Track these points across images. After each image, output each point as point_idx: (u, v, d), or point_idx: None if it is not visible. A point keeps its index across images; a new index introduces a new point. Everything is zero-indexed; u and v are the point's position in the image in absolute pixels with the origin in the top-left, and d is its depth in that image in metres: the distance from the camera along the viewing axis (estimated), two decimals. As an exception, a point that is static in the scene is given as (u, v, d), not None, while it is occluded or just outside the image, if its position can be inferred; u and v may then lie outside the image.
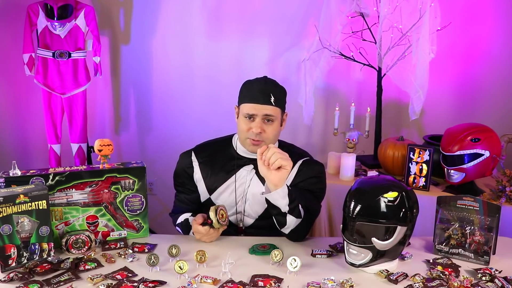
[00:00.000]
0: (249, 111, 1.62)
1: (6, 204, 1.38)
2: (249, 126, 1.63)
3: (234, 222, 1.75)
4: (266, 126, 1.62)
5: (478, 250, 1.52)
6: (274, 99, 1.62)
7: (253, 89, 1.64)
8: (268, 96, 1.61)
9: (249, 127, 1.63)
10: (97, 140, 1.62)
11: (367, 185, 1.46)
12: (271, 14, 3.02)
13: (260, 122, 1.61)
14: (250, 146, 1.66)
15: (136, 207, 1.65)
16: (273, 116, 1.62)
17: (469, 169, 2.19)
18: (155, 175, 3.28)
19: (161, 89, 3.32)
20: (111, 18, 3.24)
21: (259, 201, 1.67)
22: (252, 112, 1.61)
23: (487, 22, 2.78)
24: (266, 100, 1.61)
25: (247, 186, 1.72)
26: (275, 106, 1.62)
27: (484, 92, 2.84)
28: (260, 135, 1.62)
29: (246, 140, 1.66)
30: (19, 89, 3.18)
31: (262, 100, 1.61)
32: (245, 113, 1.63)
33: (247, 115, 1.63)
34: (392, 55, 2.60)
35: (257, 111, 1.61)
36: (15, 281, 1.35)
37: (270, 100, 1.61)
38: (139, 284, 1.33)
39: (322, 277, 1.38)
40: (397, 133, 2.86)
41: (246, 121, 1.63)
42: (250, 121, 1.63)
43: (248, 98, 1.63)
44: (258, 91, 1.62)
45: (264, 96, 1.61)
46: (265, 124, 1.62)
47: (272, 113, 1.62)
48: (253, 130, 1.62)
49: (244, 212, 1.73)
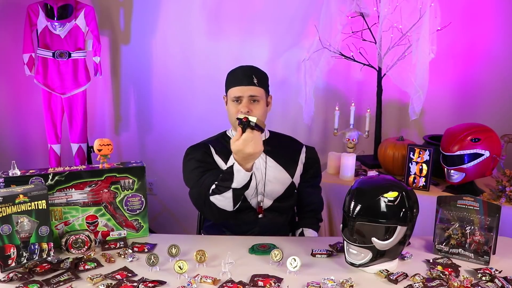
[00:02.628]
0: (236, 94, 1.73)
1: (5, 204, 1.38)
2: (237, 108, 1.73)
3: (254, 205, 1.80)
4: (253, 105, 1.72)
5: (478, 250, 1.52)
6: (256, 80, 1.74)
7: (236, 73, 1.78)
8: (250, 78, 1.74)
9: (237, 109, 1.73)
10: (97, 140, 1.62)
11: (367, 185, 1.46)
12: (271, 14, 3.02)
13: (247, 102, 1.72)
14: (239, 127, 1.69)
15: (136, 207, 1.65)
16: (257, 96, 1.73)
17: (469, 169, 2.19)
18: (155, 175, 3.29)
19: (161, 89, 3.32)
20: (111, 18, 3.24)
21: (278, 182, 1.80)
22: (238, 94, 1.72)
23: (487, 22, 2.77)
24: (249, 82, 1.73)
25: (264, 169, 1.79)
26: (258, 86, 1.74)
27: (484, 92, 2.84)
28: (248, 114, 1.68)
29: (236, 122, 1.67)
30: (19, 89, 3.18)
31: (246, 82, 1.73)
32: (232, 97, 1.74)
33: (234, 98, 1.73)
34: (392, 55, 2.60)
35: (243, 92, 1.72)
36: (14, 281, 1.35)
37: (253, 81, 1.74)
38: (139, 284, 1.33)
39: (322, 277, 1.38)
40: (397, 133, 2.86)
41: (234, 104, 1.74)
42: (237, 104, 1.73)
43: (233, 82, 1.76)
44: (241, 75, 1.75)
45: (247, 78, 1.73)
46: (251, 104, 1.72)
47: (256, 93, 1.72)
48: (241, 109, 1.71)
49: (264, 194, 1.79)
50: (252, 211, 1.80)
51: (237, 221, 1.78)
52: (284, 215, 1.88)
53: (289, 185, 1.83)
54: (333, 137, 2.86)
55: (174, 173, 3.39)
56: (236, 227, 1.81)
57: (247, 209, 1.78)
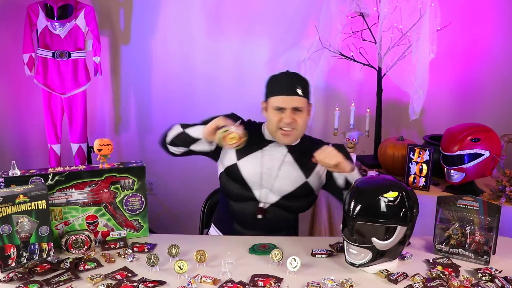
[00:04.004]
0: (279, 104, 1.70)
1: (5, 204, 1.38)
2: (280, 116, 1.71)
3: (258, 197, 1.77)
4: (296, 115, 1.71)
5: (478, 250, 1.52)
6: (300, 89, 1.71)
7: (280, 82, 1.74)
8: (294, 87, 1.70)
9: (280, 118, 1.71)
10: (97, 140, 1.62)
11: (367, 185, 1.47)
12: (271, 14, 3.02)
13: (290, 113, 1.70)
14: (280, 137, 1.75)
15: (136, 207, 1.65)
16: (301, 107, 1.71)
17: (469, 169, 2.19)
18: (155, 175, 3.28)
19: (161, 89, 3.32)
20: (111, 18, 3.24)
21: (289, 180, 1.76)
22: (282, 105, 1.70)
23: (487, 22, 2.77)
24: (293, 92, 1.70)
25: (279, 163, 1.76)
26: (302, 96, 1.71)
27: (484, 92, 2.84)
28: (291, 124, 1.71)
29: (277, 132, 1.74)
30: (19, 89, 3.18)
31: (290, 92, 1.70)
32: (275, 106, 1.71)
33: (277, 107, 1.71)
34: (392, 55, 2.60)
35: (286, 103, 1.70)
36: (14, 281, 1.35)
37: (297, 91, 1.70)
38: (139, 284, 1.33)
39: (322, 277, 1.38)
40: (397, 133, 2.86)
41: (277, 113, 1.71)
42: (280, 113, 1.71)
43: (276, 91, 1.72)
44: (286, 83, 1.72)
45: (291, 88, 1.70)
46: (294, 114, 1.71)
47: (299, 104, 1.71)
48: (285, 120, 1.70)
49: (271, 188, 1.76)
50: (255, 203, 1.77)
51: (242, 211, 1.78)
52: (292, 215, 1.86)
53: (302, 185, 1.77)
54: (333, 137, 2.86)
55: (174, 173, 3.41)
56: (242, 218, 1.80)
57: (250, 199, 1.76)
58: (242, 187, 1.76)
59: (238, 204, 1.79)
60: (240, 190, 1.77)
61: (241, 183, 1.76)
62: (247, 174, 1.75)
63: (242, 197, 1.77)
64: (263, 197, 1.77)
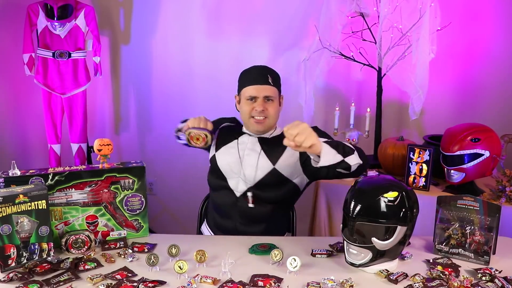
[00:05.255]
0: (251, 93, 1.77)
1: (5, 204, 1.38)
2: (252, 106, 1.78)
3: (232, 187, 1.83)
4: (267, 104, 1.78)
5: (478, 250, 1.52)
6: (271, 79, 1.78)
7: (252, 73, 1.82)
8: (266, 77, 1.78)
9: (252, 107, 1.78)
10: (97, 139, 1.62)
11: (367, 185, 1.46)
12: (271, 14, 3.02)
13: (262, 101, 1.77)
14: (253, 125, 1.80)
15: (136, 207, 1.65)
16: (272, 96, 1.78)
17: (469, 169, 2.19)
18: (155, 175, 3.29)
19: (161, 89, 3.32)
20: (111, 18, 3.24)
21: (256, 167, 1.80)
22: (254, 94, 1.77)
23: (487, 22, 2.77)
24: (265, 81, 1.77)
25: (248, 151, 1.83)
26: (273, 86, 1.78)
27: (484, 92, 2.84)
28: (263, 113, 1.77)
29: (249, 120, 1.81)
30: (19, 89, 3.18)
31: (262, 81, 1.77)
32: (247, 96, 1.78)
33: (249, 97, 1.78)
34: (392, 55, 2.60)
35: (258, 92, 1.76)
36: (14, 281, 1.35)
37: (268, 80, 1.78)
38: (139, 284, 1.33)
39: (322, 277, 1.38)
40: (397, 133, 2.86)
41: (249, 103, 1.79)
42: (252, 103, 1.78)
43: (248, 81, 1.80)
44: (256, 74, 1.80)
45: (263, 77, 1.78)
46: (266, 103, 1.78)
47: (271, 93, 1.78)
48: (256, 108, 1.76)
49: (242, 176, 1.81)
50: (230, 193, 1.83)
51: (219, 201, 1.86)
52: (269, 206, 1.81)
53: (271, 172, 1.78)
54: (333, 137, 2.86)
55: (174, 173, 3.42)
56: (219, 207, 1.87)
57: (224, 188, 1.83)
58: (218, 177, 1.85)
59: (216, 193, 1.89)
60: (217, 180, 1.86)
61: (217, 173, 1.85)
62: (221, 164, 1.85)
63: (219, 186, 1.86)
64: (235, 186, 1.82)
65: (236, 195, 1.82)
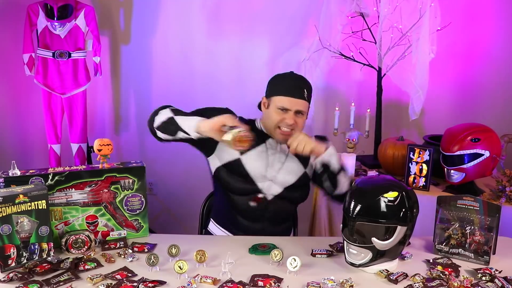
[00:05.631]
0: (284, 105, 1.71)
1: (5, 204, 1.38)
2: (283, 117, 1.72)
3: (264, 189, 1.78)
4: (297, 118, 1.74)
5: (478, 250, 1.52)
6: (306, 93, 1.74)
7: (287, 83, 1.75)
8: (302, 91, 1.73)
9: (282, 118, 1.72)
10: (97, 140, 1.62)
11: (367, 185, 1.47)
12: (271, 14, 3.02)
13: (293, 115, 1.72)
14: (279, 135, 1.76)
15: (136, 207, 1.65)
16: (304, 111, 1.75)
17: (469, 169, 2.19)
18: (155, 175, 3.28)
19: (161, 89, 3.32)
20: (111, 18, 3.24)
21: (293, 172, 1.80)
22: (287, 107, 1.71)
23: (487, 22, 2.77)
24: (300, 95, 1.72)
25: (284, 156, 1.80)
26: (306, 100, 1.74)
27: (484, 92, 2.84)
28: (292, 126, 1.73)
29: (276, 130, 1.76)
30: (19, 89, 3.18)
31: (297, 95, 1.72)
32: (279, 106, 1.72)
33: (281, 107, 1.72)
34: (392, 55, 2.60)
35: (292, 105, 1.71)
36: (14, 281, 1.35)
37: (304, 95, 1.73)
38: (139, 284, 1.33)
39: (322, 277, 1.38)
40: (397, 133, 2.86)
41: (280, 112, 1.73)
42: (283, 113, 1.72)
43: (283, 91, 1.73)
44: (293, 86, 1.73)
45: (299, 91, 1.72)
46: (296, 116, 1.73)
47: (303, 108, 1.74)
48: (287, 121, 1.71)
49: (274, 179, 1.78)
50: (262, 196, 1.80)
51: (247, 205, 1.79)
52: (294, 205, 1.90)
53: (302, 175, 1.82)
54: (333, 137, 2.86)
55: (174, 173, 3.41)
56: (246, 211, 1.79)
57: (254, 192, 1.78)
58: (245, 181, 1.77)
59: (242, 197, 1.80)
60: (244, 184, 1.77)
61: (245, 177, 1.77)
62: (251, 168, 1.76)
63: (246, 190, 1.78)
64: (266, 189, 1.79)
65: (268, 198, 1.79)
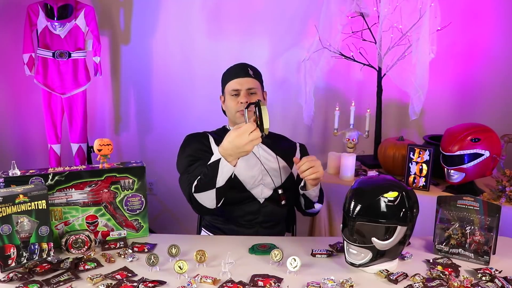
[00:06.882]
0: (234, 87, 1.81)
1: (5, 204, 1.38)
2: (237, 100, 1.80)
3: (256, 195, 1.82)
4: (251, 98, 1.79)
5: (478, 250, 1.52)
6: (252, 72, 1.84)
7: (232, 69, 1.87)
8: (246, 70, 1.83)
9: (236, 102, 1.80)
10: (97, 139, 1.62)
11: (367, 185, 1.46)
12: (271, 14, 3.02)
13: (246, 93, 1.80)
14: (240, 118, 1.79)
15: (136, 207, 1.65)
16: (255, 88, 1.81)
17: (469, 169, 2.19)
18: (155, 175, 3.29)
19: (161, 89, 3.32)
20: (111, 18, 3.24)
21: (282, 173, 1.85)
22: (237, 87, 1.80)
23: (487, 22, 2.77)
24: (245, 73, 1.82)
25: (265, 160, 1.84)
26: (254, 78, 1.82)
27: (484, 92, 2.84)
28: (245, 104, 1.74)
29: (236, 115, 1.81)
30: (19, 89, 3.18)
31: (242, 74, 1.82)
32: (230, 91, 1.82)
33: (232, 91, 1.81)
34: (392, 55, 2.60)
35: (241, 85, 1.80)
36: (14, 281, 1.35)
37: (249, 72, 1.83)
38: (139, 284, 1.33)
39: (322, 277, 1.38)
40: (397, 133, 2.86)
41: (233, 98, 1.81)
42: (236, 97, 1.81)
43: (230, 77, 1.84)
44: (237, 68, 1.85)
45: (243, 70, 1.83)
46: (249, 96, 1.80)
47: (253, 85, 1.81)
48: (241, 100, 1.78)
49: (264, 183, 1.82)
50: (255, 201, 1.81)
51: (241, 212, 1.81)
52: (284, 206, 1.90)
53: (290, 175, 1.87)
54: (333, 137, 2.86)
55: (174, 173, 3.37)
56: (240, 218, 1.81)
57: (248, 199, 1.80)
58: (239, 191, 1.78)
59: (238, 207, 1.80)
60: (239, 194, 1.78)
61: (238, 187, 1.77)
62: (244, 177, 1.78)
63: (241, 199, 1.80)
64: (259, 193, 1.81)
65: (260, 201, 1.81)
